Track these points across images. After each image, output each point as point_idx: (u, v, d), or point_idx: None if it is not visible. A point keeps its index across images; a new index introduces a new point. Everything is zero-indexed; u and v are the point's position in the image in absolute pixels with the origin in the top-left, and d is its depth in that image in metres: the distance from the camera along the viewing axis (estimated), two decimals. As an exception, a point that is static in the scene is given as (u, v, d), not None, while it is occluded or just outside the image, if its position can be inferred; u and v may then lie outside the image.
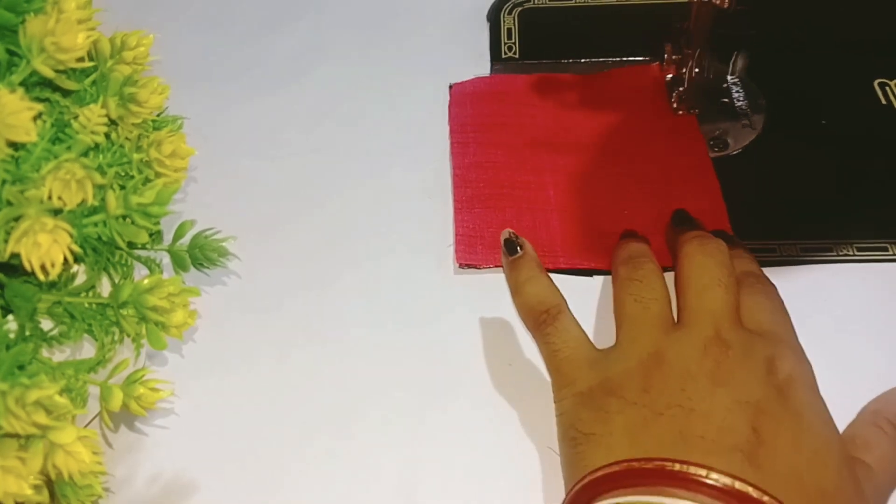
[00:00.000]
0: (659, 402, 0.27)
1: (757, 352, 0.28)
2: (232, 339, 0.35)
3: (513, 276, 0.35)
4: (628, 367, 0.29)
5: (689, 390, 0.27)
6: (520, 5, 0.49)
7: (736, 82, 0.44)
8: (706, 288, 0.31)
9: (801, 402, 0.27)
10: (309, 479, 0.31)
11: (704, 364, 0.28)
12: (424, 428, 0.33)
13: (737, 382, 0.27)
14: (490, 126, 0.42)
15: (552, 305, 0.33)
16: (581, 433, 0.28)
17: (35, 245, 0.24)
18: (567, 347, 0.31)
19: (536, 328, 0.33)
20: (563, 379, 0.31)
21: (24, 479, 0.24)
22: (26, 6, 0.26)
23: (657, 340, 0.29)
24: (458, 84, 0.44)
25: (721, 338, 0.29)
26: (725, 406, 0.27)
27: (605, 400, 0.28)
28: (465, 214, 0.38)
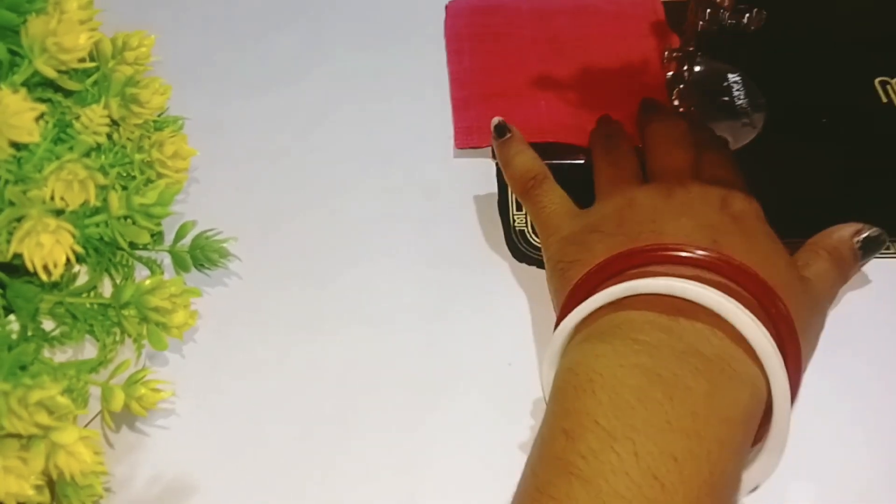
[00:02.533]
0: (633, 230, 0.31)
1: (712, 193, 0.33)
2: (233, 340, 0.35)
3: (503, 153, 0.39)
4: (605, 212, 0.33)
5: (658, 220, 0.31)
6: (520, 5, 0.49)
7: (736, 81, 0.44)
8: (668, 151, 0.36)
9: (752, 227, 0.32)
10: (309, 478, 0.31)
11: (669, 202, 0.32)
12: (424, 428, 0.33)
13: (697, 213, 0.32)
14: (484, 36, 0.46)
15: (538, 172, 0.37)
16: (567, 262, 0.32)
17: (37, 245, 0.24)
18: (552, 203, 0.35)
19: (525, 192, 0.37)
20: (550, 229, 0.35)
21: (25, 479, 0.24)
22: (28, 6, 0.26)
23: (630, 191, 0.34)
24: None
25: (682, 185, 0.33)
26: (689, 228, 0.31)
27: (587, 235, 0.33)
28: (461, 112, 0.42)
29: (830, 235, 0.34)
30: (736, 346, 0.27)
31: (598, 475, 0.25)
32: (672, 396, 0.26)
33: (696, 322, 0.28)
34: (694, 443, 0.25)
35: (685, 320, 0.28)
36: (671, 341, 0.27)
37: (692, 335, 0.28)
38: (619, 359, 0.27)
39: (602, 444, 0.25)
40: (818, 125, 0.42)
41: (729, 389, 0.27)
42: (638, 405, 0.26)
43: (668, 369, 0.27)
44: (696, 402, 0.26)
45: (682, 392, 0.26)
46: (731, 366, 0.27)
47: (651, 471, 0.24)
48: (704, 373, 0.27)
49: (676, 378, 0.26)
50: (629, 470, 0.24)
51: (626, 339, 0.28)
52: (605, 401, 0.26)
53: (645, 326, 0.28)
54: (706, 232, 0.31)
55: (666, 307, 0.28)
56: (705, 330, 0.28)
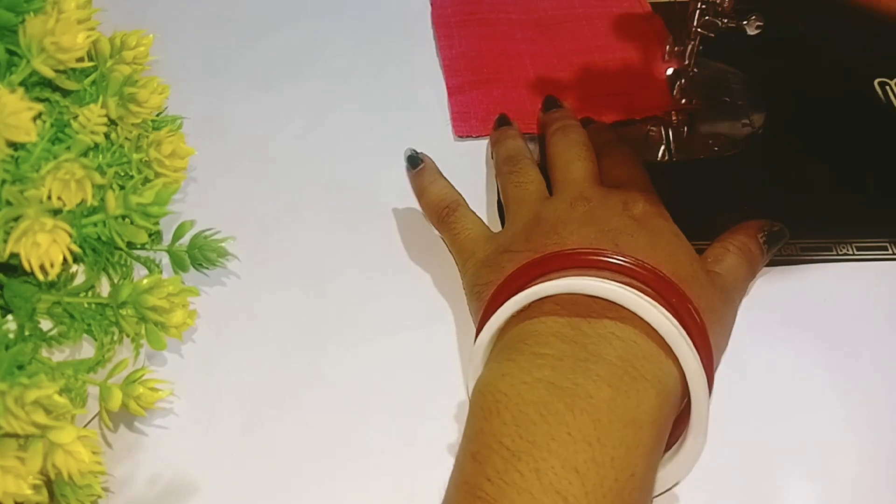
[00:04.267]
0: (539, 244, 0.32)
1: (613, 198, 0.34)
2: (231, 339, 0.35)
3: (417, 184, 0.39)
4: (514, 231, 0.34)
5: (562, 232, 0.32)
6: (520, 5, 0.49)
7: (736, 81, 0.44)
8: (568, 163, 0.37)
9: (655, 226, 0.33)
10: (308, 478, 0.31)
11: (572, 214, 0.33)
12: (424, 427, 0.33)
13: (599, 219, 0.32)
14: (471, 22, 0.47)
15: (451, 200, 0.37)
16: (481, 285, 0.33)
17: (34, 245, 0.24)
18: (465, 229, 0.36)
19: (439, 221, 0.37)
20: (465, 254, 0.35)
21: (23, 478, 0.24)
22: (26, 6, 0.26)
23: (535, 208, 0.35)
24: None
25: (584, 196, 0.34)
26: (592, 236, 0.32)
27: (499, 257, 0.33)
28: (457, 97, 0.44)
29: (737, 232, 0.35)
30: (645, 338, 0.28)
31: (503, 497, 0.25)
32: (573, 407, 0.26)
33: (602, 320, 0.28)
34: (597, 451, 0.25)
35: (589, 324, 0.28)
36: (574, 351, 0.28)
37: (595, 341, 0.28)
38: (523, 375, 0.27)
39: (506, 464, 0.25)
40: (818, 126, 0.42)
41: (633, 392, 0.27)
42: (540, 420, 0.26)
43: (570, 379, 0.27)
44: (597, 410, 0.26)
45: (582, 401, 0.26)
46: (636, 367, 0.27)
47: (553, 486, 0.24)
48: (606, 378, 0.27)
49: (577, 388, 0.26)
50: (532, 488, 0.24)
51: (530, 354, 0.28)
52: (510, 420, 0.26)
53: (549, 339, 0.28)
54: (608, 236, 0.31)
55: (570, 310, 0.29)
56: (611, 326, 0.28)
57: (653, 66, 0.45)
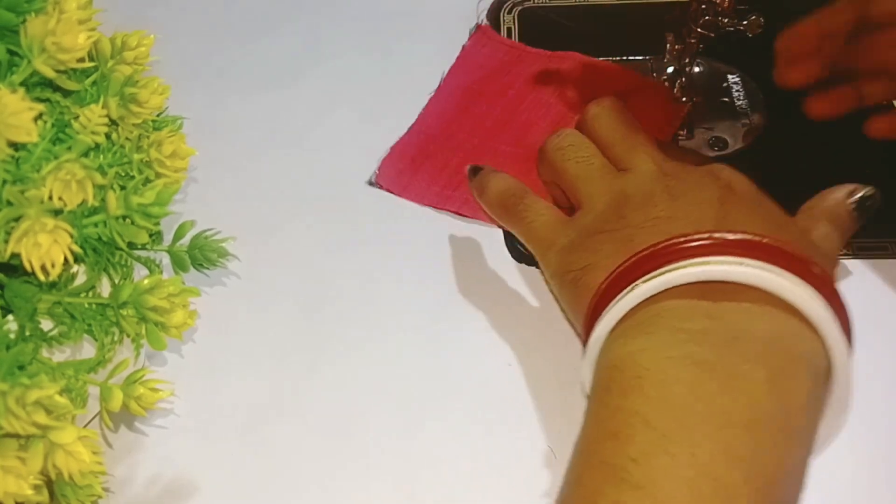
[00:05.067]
0: (636, 220, 0.30)
1: (695, 171, 0.31)
2: (231, 340, 0.35)
3: (477, 185, 0.37)
4: (598, 212, 0.32)
5: (658, 205, 0.30)
6: (520, 5, 0.49)
7: (736, 81, 0.44)
8: (628, 135, 0.34)
9: (750, 192, 0.31)
10: (308, 478, 0.31)
11: (659, 185, 0.31)
12: (424, 427, 0.33)
13: (693, 190, 0.30)
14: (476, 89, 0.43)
15: (516, 189, 0.35)
16: (577, 270, 0.30)
17: (35, 245, 0.24)
18: (540, 216, 0.34)
19: (507, 212, 0.35)
20: (544, 243, 0.33)
21: (24, 478, 0.24)
22: (27, 6, 0.26)
23: (613, 184, 0.32)
24: (471, 46, 0.45)
25: (663, 170, 0.32)
26: (691, 207, 0.30)
27: (591, 238, 0.31)
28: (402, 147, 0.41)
29: (825, 198, 0.33)
30: (789, 316, 0.26)
31: (652, 482, 0.23)
32: (729, 388, 0.24)
33: (742, 303, 0.26)
34: (757, 437, 0.23)
35: (730, 303, 0.26)
36: (720, 327, 0.26)
37: (741, 317, 0.26)
38: (666, 350, 0.25)
39: (654, 446, 0.23)
40: (818, 126, 0.42)
41: (789, 372, 0.25)
42: (693, 400, 0.24)
43: (721, 357, 0.25)
44: (755, 392, 0.24)
45: (739, 382, 0.24)
46: (788, 345, 0.25)
47: (710, 472, 0.23)
48: (762, 357, 0.25)
49: (730, 367, 0.24)
50: (686, 473, 0.23)
51: (671, 329, 0.26)
52: (655, 398, 0.24)
53: (689, 313, 0.26)
54: (711, 207, 0.29)
55: (704, 292, 0.26)
56: (754, 308, 0.26)
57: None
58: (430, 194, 0.39)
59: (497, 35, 0.45)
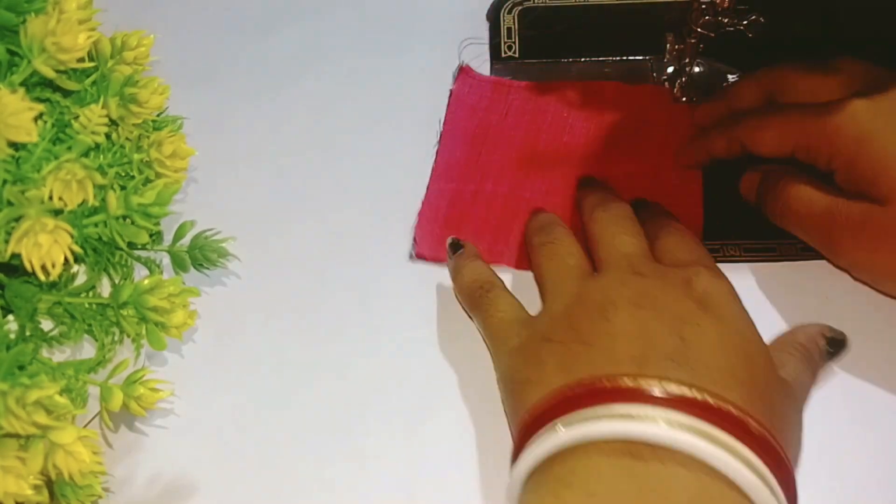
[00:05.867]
0: (585, 333, 0.28)
1: (672, 276, 0.30)
2: (232, 340, 0.35)
3: (452, 267, 0.36)
4: (554, 315, 0.30)
5: (612, 318, 0.28)
6: (520, 4, 0.49)
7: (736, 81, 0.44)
8: (613, 237, 0.32)
9: (721, 309, 0.29)
10: (308, 478, 0.32)
11: (623, 293, 0.29)
12: (425, 428, 0.33)
13: (657, 303, 0.28)
14: (480, 133, 0.42)
15: (485, 281, 0.34)
16: (518, 381, 0.29)
17: (35, 245, 0.24)
18: (499, 312, 0.32)
19: (472, 304, 0.34)
20: (498, 340, 0.32)
21: (24, 479, 0.24)
22: (27, 6, 0.26)
23: (577, 287, 0.31)
24: (458, 89, 0.44)
25: (637, 272, 0.30)
26: (649, 324, 0.28)
27: (537, 347, 0.29)
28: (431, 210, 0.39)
29: (797, 334, 0.32)
30: (717, 482, 0.24)
31: None
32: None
33: (668, 464, 0.24)
34: None
35: (656, 464, 0.24)
36: (635, 491, 0.24)
37: (660, 481, 0.24)
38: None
39: None
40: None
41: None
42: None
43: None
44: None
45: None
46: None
47: None
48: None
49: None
50: None
51: (582, 493, 0.25)
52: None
53: (603, 475, 0.25)
54: (671, 325, 0.28)
55: (631, 451, 0.25)
56: (680, 473, 0.24)
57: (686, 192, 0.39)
58: (480, 253, 0.37)
59: (479, 74, 0.44)
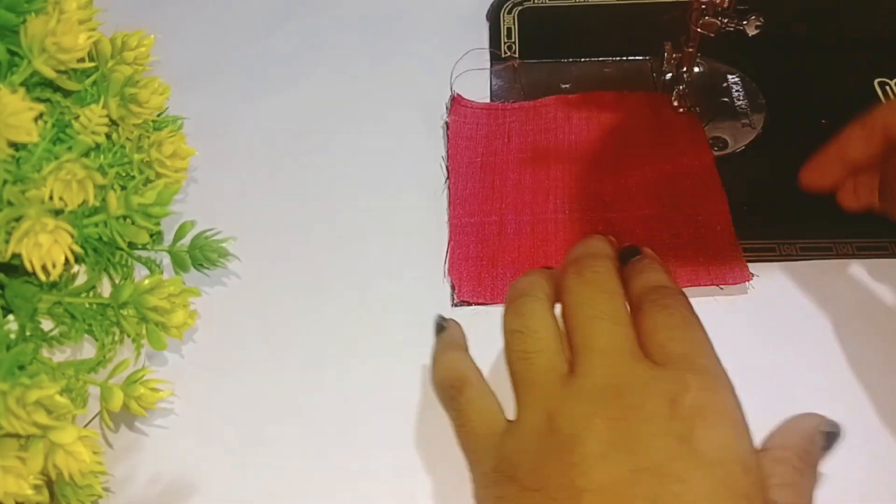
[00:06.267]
0: (551, 483, 0.25)
1: (655, 393, 0.25)
2: (232, 340, 0.35)
3: (433, 352, 0.32)
4: (520, 444, 0.26)
5: (578, 464, 0.24)
6: (519, 5, 0.49)
7: (736, 81, 0.44)
8: (589, 322, 0.27)
9: (711, 447, 0.24)
10: (308, 478, 0.31)
11: (595, 425, 0.25)
12: (425, 428, 0.33)
13: (633, 442, 0.24)
14: (487, 161, 0.41)
15: (457, 378, 0.30)
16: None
17: (36, 245, 0.24)
18: (469, 421, 0.29)
19: (445, 405, 0.31)
20: (471, 456, 0.29)
21: (24, 478, 0.24)
22: (27, 6, 0.26)
23: (547, 401, 0.26)
24: (454, 121, 0.43)
25: (613, 385, 0.26)
26: (621, 477, 0.24)
27: (505, 487, 0.26)
28: (461, 248, 0.38)
29: (793, 436, 0.27)
30: None
31: None
32: None
33: None
34: None
35: None
36: None
37: None
38: None
39: None
40: (818, 126, 0.42)
41: None
42: None
43: None
44: None
45: None
46: None
47: None
48: None
49: None
50: None
51: None
52: None
53: None
54: (645, 482, 0.23)
55: None
56: None
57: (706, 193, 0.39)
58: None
59: (470, 101, 0.43)
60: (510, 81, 0.45)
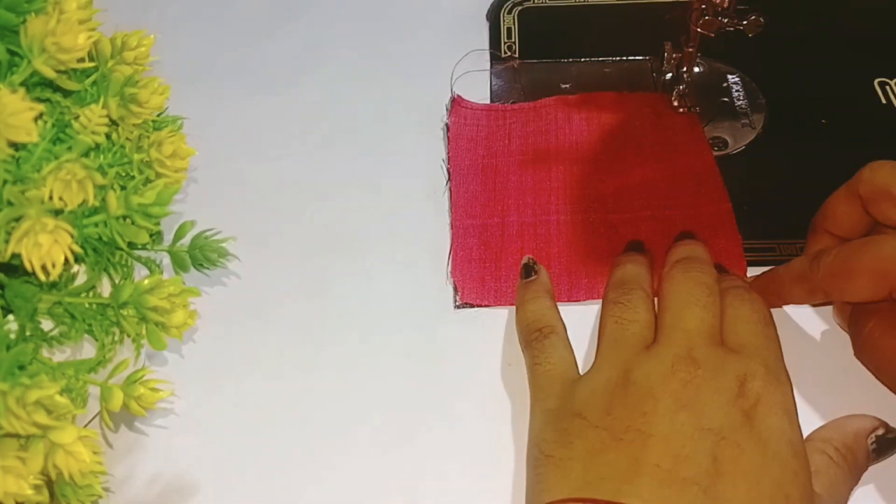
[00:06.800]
0: (619, 425, 0.27)
1: (728, 371, 0.28)
2: (232, 340, 0.35)
3: (520, 296, 0.35)
4: (595, 388, 0.29)
5: (649, 413, 0.27)
6: (519, 5, 0.49)
7: (736, 81, 0.44)
8: (683, 306, 0.30)
9: (768, 428, 0.27)
10: (308, 478, 0.31)
11: (670, 384, 0.27)
12: (425, 427, 0.33)
13: (701, 405, 0.27)
14: (488, 163, 0.41)
15: (545, 325, 0.33)
16: (543, 454, 0.28)
17: (36, 245, 0.24)
18: (548, 363, 0.31)
19: (527, 344, 0.33)
20: (539, 393, 0.31)
21: (24, 478, 0.24)
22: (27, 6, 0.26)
23: (627, 360, 0.29)
24: (455, 122, 0.43)
25: (692, 357, 0.28)
26: (686, 432, 0.26)
27: (570, 421, 0.28)
28: (464, 250, 0.38)
29: (842, 432, 0.29)
30: None
31: None
32: None
33: None
34: None
35: None
36: None
37: None
38: None
39: None
40: (818, 125, 0.42)
41: None
42: None
43: None
44: None
45: None
46: None
47: None
48: None
49: None
50: None
51: None
52: None
53: None
54: (707, 440, 0.26)
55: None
56: None
57: (709, 192, 0.39)
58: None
59: (470, 102, 0.43)
60: (510, 81, 0.45)
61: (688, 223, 0.37)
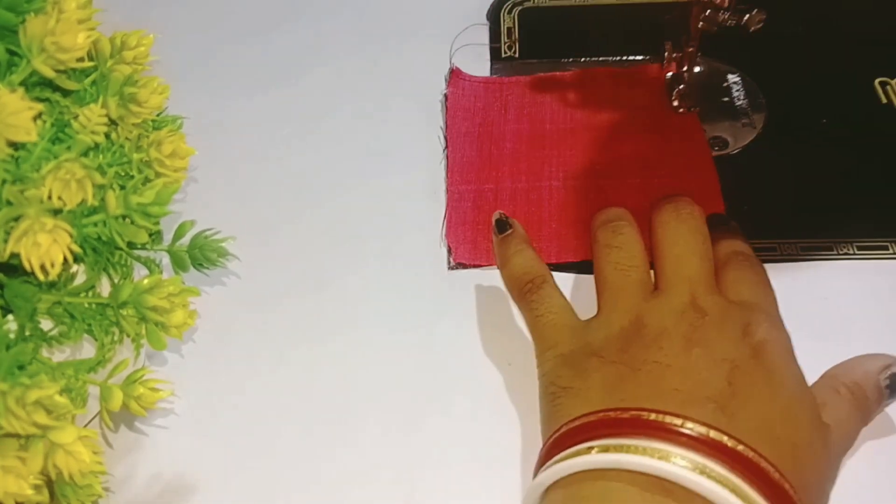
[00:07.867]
0: (636, 358, 0.28)
1: (733, 317, 0.29)
2: (231, 340, 0.35)
3: (501, 251, 0.36)
4: (609, 334, 0.30)
5: (665, 348, 0.28)
6: (520, 5, 0.49)
7: (736, 81, 0.44)
8: (681, 257, 0.31)
9: (774, 363, 0.28)
10: (309, 478, 0.31)
11: (680, 326, 0.29)
12: (425, 427, 0.33)
13: (712, 343, 0.28)
14: (484, 131, 0.42)
15: (537, 275, 0.34)
16: (560, 387, 0.29)
17: (35, 245, 0.24)
18: (550, 313, 0.32)
19: (521, 297, 0.34)
20: (546, 342, 0.32)
21: (24, 478, 0.24)
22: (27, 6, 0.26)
23: (636, 306, 0.30)
24: (453, 93, 0.43)
25: (697, 304, 0.30)
26: (701, 364, 0.28)
27: (586, 360, 0.29)
28: (458, 214, 0.39)
29: (853, 369, 0.30)
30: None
31: None
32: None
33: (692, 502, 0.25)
34: None
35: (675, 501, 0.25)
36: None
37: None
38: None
39: None
40: (818, 125, 0.42)
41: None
42: None
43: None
44: None
45: None
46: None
47: None
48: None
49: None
50: None
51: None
52: None
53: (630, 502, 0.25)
54: (721, 368, 0.27)
55: (659, 487, 0.25)
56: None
57: (702, 184, 0.39)
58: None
59: (469, 75, 0.44)
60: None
61: (677, 191, 0.37)
